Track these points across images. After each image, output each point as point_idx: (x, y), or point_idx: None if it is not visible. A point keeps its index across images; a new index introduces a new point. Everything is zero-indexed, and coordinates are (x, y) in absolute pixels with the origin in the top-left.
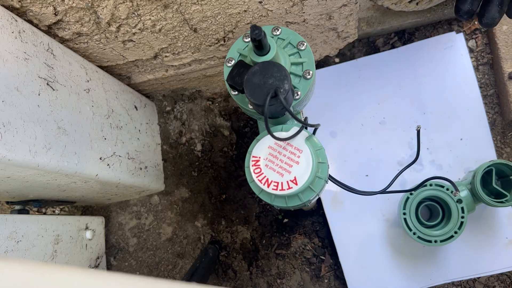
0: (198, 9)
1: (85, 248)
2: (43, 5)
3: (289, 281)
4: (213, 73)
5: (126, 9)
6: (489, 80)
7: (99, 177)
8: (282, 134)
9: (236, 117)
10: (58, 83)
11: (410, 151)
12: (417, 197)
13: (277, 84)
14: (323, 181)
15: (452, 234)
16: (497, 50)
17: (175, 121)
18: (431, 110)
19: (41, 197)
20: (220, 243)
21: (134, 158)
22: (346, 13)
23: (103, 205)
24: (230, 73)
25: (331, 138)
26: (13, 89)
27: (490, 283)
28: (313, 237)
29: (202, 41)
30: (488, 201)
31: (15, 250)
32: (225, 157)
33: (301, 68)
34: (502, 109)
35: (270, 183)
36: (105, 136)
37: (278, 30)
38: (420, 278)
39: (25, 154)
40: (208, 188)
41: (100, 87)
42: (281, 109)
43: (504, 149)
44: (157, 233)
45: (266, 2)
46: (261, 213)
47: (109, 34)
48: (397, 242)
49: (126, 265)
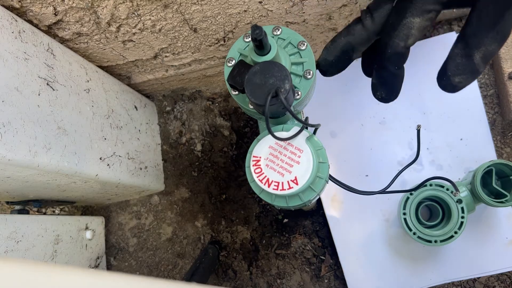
0: (198, 9)
1: (85, 248)
2: (43, 5)
3: (289, 281)
4: (213, 73)
5: (126, 9)
6: (489, 80)
7: (99, 177)
8: (283, 134)
9: (236, 117)
10: (58, 83)
11: (410, 151)
12: (417, 197)
13: (278, 84)
14: (324, 181)
15: (452, 234)
16: None
17: (175, 121)
18: (431, 110)
19: (41, 197)
20: (220, 243)
21: (134, 158)
22: (346, 13)
23: (103, 205)
24: (230, 73)
25: (331, 138)
26: (13, 89)
27: (490, 283)
28: (313, 237)
29: (202, 41)
30: (488, 201)
31: (15, 250)
32: (225, 157)
33: (301, 68)
34: (502, 109)
35: (270, 183)
36: (105, 136)
37: (278, 30)
38: (420, 278)
39: (25, 154)
40: (208, 188)
41: (100, 87)
42: (282, 109)
43: (504, 149)
44: (157, 233)
45: (266, 2)
46: (261, 213)
47: (109, 34)
48: (397, 242)
49: (126, 265)
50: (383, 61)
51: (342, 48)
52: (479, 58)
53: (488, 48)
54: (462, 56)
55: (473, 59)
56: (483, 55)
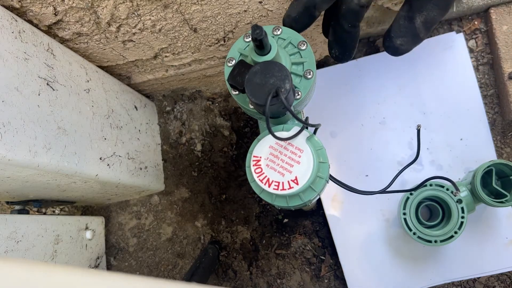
0: (198, 9)
1: (85, 248)
2: (43, 5)
3: (289, 281)
4: (213, 73)
5: (126, 9)
6: (489, 80)
7: (99, 177)
8: (283, 133)
9: (236, 117)
10: (58, 83)
11: (410, 151)
12: (417, 197)
13: (278, 83)
14: (324, 181)
15: (452, 234)
16: (497, 50)
17: (175, 121)
18: (431, 110)
19: (41, 197)
20: (220, 243)
21: (134, 158)
22: None
23: (103, 205)
24: (231, 73)
25: (331, 138)
26: (13, 89)
27: (490, 283)
28: (313, 237)
29: (202, 41)
30: (488, 201)
31: (15, 250)
32: (225, 157)
33: (302, 68)
34: (502, 109)
35: (271, 183)
36: (105, 136)
37: (279, 30)
38: (420, 278)
39: (25, 154)
40: (208, 188)
41: (100, 87)
42: (282, 108)
43: (504, 149)
44: (157, 233)
45: (266, 2)
46: (261, 213)
47: (109, 34)
48: (397, 242)
49: (126, 265)
50: (339, 19)
51: (305, 5)
52: (420, 22)
53: (429, 14)
54: (405, 19)
55: (415, 23)
56: (424, 20)
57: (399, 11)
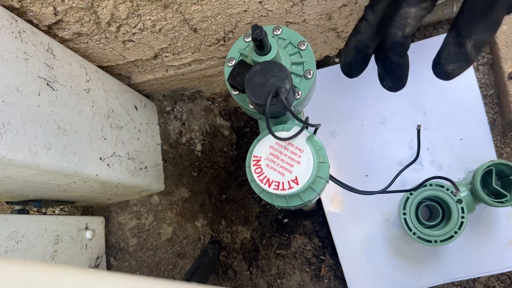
0: (198, 9)
1: (85, 248)
2: (43, 5)
3: (289, 281)
4: (213, 73)
5: (126, 9)
6: (489, 80)
7: (99, 177)
8: (283, 133)
9: (236, 117)
10: (58, 83)
11: (410, 151)
12: (417, 197)
13: (278, 83)
14: (324, 181)
15: (452, 234)
16: (497, 50)
17: (175, 121)
18: (431, 110)
19: (41, 197)
20: (220, 243)
21: (134, 158)
22: (346, 13)
23: (103, 205)
24: (231, 73)
25: (331, 138)
26: (13, 89)
27: (490, 283)
28: (313, 237)
29: (202, 41)
30: (488, 201)
31: (15, 250)
32: (225, 157)
33: (302, 68)
34: (502, 109)
35: (271, 183)
36: (105, 136)
37: (279, 30)
38: (420, 278)
39: (25, 154)
40: (208, 188)
41: (100, 87)
42: (282, 108)
43: (504, 149)
44: (157, 233)
45: (266, 2)
46: (261, 213)
47: (109, 34)
48: (397, 242)
49: (126, 265)
50: (385, 51)
51: (355, 48)
52: (471, 47)
53: (479, 37)
54: (454, 45)
55: (465, 48)
56: (474, 43)
57: (447, 37)
